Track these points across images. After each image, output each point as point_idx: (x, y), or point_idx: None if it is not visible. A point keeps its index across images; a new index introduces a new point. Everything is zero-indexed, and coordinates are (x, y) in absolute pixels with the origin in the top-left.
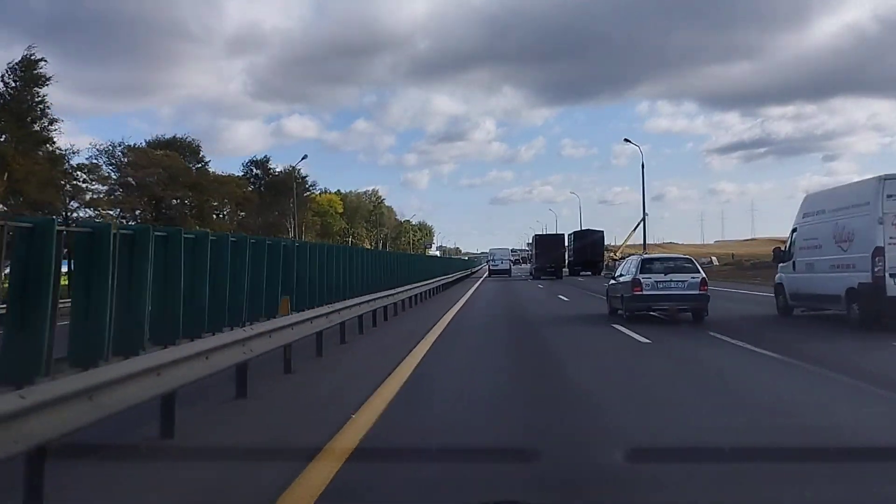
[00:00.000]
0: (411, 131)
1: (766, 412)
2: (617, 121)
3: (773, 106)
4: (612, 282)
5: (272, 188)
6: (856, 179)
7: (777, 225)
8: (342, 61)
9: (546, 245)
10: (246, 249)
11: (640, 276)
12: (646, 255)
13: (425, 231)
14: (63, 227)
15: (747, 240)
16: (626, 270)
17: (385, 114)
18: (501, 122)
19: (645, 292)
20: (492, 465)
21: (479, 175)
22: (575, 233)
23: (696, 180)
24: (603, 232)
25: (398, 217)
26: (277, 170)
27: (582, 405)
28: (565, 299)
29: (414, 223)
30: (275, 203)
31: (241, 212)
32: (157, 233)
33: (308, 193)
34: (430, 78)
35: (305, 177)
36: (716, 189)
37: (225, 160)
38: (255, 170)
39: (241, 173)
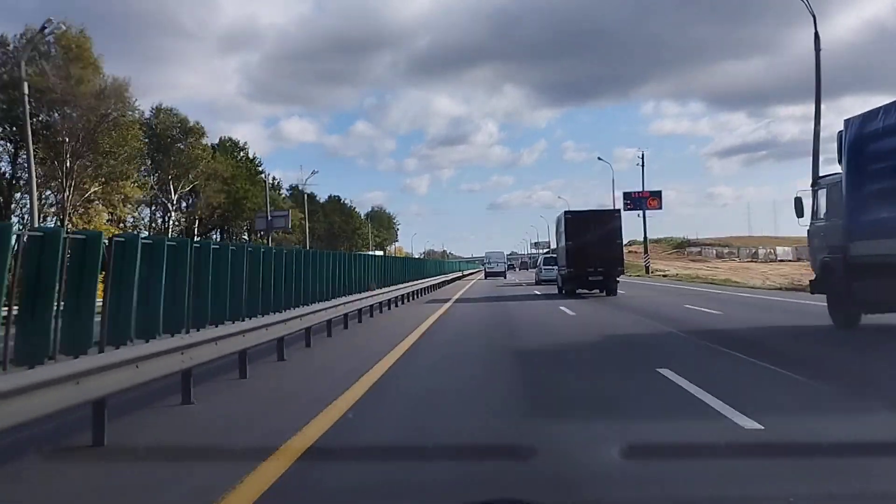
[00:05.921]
0: (412, 134)
1: None
2: (620, 123)
3: (781, 105)
4: None
5: None
6: None
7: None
8: (341, 59)
9: (587, 229)
10: None
11: None
12: None
13: (384, 222)
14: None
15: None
16: None
17: (385, 116)
18: (503, 124)
19: None
20: None
21: (480, 180)
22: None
23: (696, 183)
24: None
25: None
26: None
27: None
28: None
29: (346, 203)
30: None
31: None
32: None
33: None
34: (430, 77)
35: None
36: (714, 192)
37: None
38: None
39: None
